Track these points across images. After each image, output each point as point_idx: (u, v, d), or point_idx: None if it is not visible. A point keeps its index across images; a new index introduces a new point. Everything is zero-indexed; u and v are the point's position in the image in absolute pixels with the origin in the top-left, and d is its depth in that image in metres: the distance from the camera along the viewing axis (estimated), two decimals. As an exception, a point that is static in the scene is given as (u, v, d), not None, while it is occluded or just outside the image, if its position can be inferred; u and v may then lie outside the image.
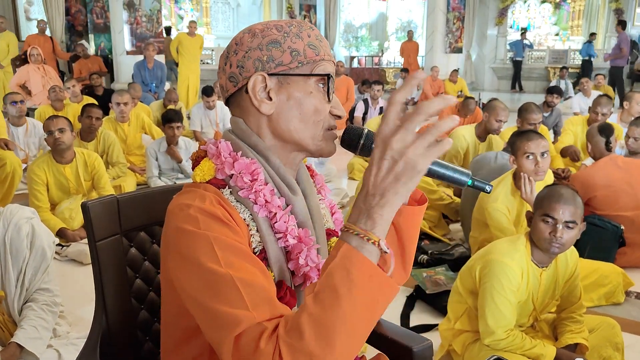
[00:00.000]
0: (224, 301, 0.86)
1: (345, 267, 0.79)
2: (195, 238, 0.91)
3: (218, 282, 0.87)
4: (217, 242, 0.90)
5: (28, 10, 13.65)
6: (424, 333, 2.64)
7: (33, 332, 2.20)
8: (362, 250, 0.80)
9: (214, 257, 0.89)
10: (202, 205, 0.94)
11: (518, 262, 2.05)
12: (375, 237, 0.80)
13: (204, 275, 0.89)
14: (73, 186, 3.89)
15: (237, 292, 0.86)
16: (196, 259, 0.90)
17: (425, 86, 11.51)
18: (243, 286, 0.86)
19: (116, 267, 1.31)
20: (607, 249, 3.22)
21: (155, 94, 8.12)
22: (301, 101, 1.01)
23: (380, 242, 0.80)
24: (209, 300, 0.87)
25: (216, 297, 0.87)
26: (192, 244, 0.91)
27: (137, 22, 9.06)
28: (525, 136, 2.77)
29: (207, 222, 0.92)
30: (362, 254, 0.79)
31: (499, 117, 4.21)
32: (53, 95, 5.74)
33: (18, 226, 2.22)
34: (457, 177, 1.00)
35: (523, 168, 2.75)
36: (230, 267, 0.88)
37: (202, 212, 0.93)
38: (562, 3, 16.41)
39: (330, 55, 1.06)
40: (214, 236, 0.91)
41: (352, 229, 0.81)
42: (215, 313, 0.86)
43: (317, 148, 1.05)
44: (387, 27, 18.46)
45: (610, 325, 2.24)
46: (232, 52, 1.04)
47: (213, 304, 0.87)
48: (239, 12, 18.64)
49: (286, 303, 0.97)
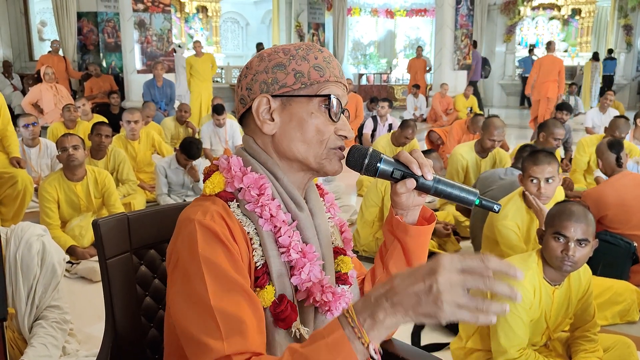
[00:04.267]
0: (201, 327, 0.90)
1: (329, 350, 0.80)
2: (191, 259, 0.94)
3: (201, 309, 0.91)
4: (209, 267, 0.93)
5: (41, 30, 13.88)
6: (435, 352, 2.61)
7: (43, 350, 2.19)
8: (353, 343, 0.80)
9: (202, 282, 0.92)
10: (202, 219, 0.97)
11: (530, 280, 2.03)
12: (367, 339, 0.80)
13: (190, 298, 0.92)
14: (84, 203, 3.91)
15: (214, 321, 0.89)
16: (187, 280, 0.93)
17: (434, 102, 11.52)
18: (221, 316, 0.89)
19: (126, 285, 1.31)
20: (620, 266, 3.18)
21: (165, 112, 8.19)
22: (303, 122, 1.03)
23: (370, 345, 0.80)
24: (189, 324, 0.91)
25: (196, 322, 0.90)
26: (187, 265, 0.95)
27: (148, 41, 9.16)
28: (532, 159, 2.74)
29: (206, 240, 0.95)
30: (352, 348, 0.80)
31: (492, 137, 4.22)
32: (67, 115, 5.80)
33: (29, 243, 2.23)
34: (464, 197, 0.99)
35: (527, 189, 2.75)
36: (214, 296, 0.91)
37: (201, 227, 0.96)
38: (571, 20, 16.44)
39: (338, 76, 1.07)
40: (209, 261, 0.93)
41: (352, 318, 0.81)
42: (191, 336, 0.91)
43: (320, 167, 1.06)
44: (396, 44, 18.55)
45: (625, 345, 2.21)
46: (243, 75, 1.08)
47: (192, 329, 0.91)
48: (248, 31, 18.83)
49: (287, 317, 1.00)
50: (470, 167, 4.40)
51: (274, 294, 1.01)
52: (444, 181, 1.01)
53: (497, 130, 4.20)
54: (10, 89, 10.49)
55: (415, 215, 1.11)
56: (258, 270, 1.01)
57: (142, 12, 9.03)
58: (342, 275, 1.13)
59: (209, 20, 17.58)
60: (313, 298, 1.03)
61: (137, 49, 9.05)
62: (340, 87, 1.07)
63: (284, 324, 1.00)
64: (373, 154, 1.00)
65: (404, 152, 1.02)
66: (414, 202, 1.07)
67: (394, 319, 0.79)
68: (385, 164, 1.01)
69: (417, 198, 1.07)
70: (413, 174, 1.01)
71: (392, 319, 0.79)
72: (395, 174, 1.01)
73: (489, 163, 4.42)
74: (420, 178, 1.01)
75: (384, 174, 1.01)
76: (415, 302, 0.77)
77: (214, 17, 17.54)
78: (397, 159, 1.02)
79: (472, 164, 4.41)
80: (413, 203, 1.07)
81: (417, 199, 1.07)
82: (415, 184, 1.01)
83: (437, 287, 0.76)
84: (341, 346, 0.80)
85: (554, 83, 9.12)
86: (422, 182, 1.01)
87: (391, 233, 1.14)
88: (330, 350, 0.80)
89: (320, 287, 1.03)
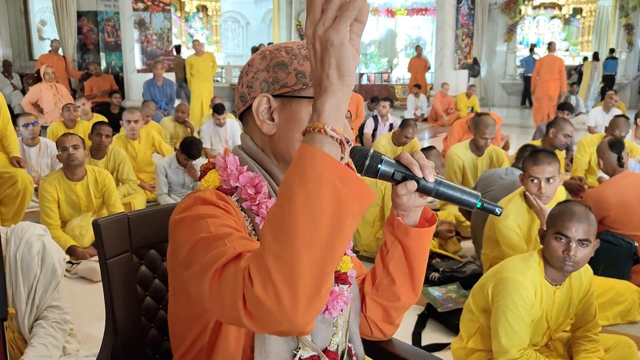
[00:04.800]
0: (210, 251, 0.86)
1: (296, 163, 0.76)
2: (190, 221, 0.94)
3: (207, 244, 0.88)
4: (211, 218, 0.92)
5: (41, 29, 13.88)
6: (436, 352, 2.61)
7: (43, 350, 2.19)
8: (313, 142, 0.76)
9: (206, 229, 0.90)
10: (201, 195, 0.97)
11: (531, 280, 2.02)
12: (319, 124, 0.77)
13: (196, 246, 0.89)
14: (84, 203, 3.90)
15: (222, 241, 0.86)
16: (191, 238, 0.91)
17: (435, 102, 11.52)
18: (227, 236, 0.87)
19: (126, 285, 1.31)
20: (621, 266, 3.18)
21: (165, 112, 8.18)
22: (302, 123, 1.02)
23: (325, 127, 0.77)
24: (197, 260, 0.87)
25: (204, 254, 0.86)
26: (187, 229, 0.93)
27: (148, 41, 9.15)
28: (532, 159, 2.73)
29: (205, 207, 0.95)
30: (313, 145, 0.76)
31: (484, 135, 4.22)
32: (67, 115, 5.80)
33: (29, 243, 2.22)
34: (466, 199, 0.99)
35: (528, 189, 2.74)
36: (218, 230, 0.89)
37: (199, 200, 0.96)
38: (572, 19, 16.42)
39: None
40: (209, 214, 0.93)
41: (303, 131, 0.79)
42: (200, 265, 0.86)
43: None
44: (396, 43, 18.54)
45: (626, 345, 2.20)
46: (244, 72, 1.07)
47: (201, 259, 0.86)
48: (249, 30, 18.82)
49: None
50: (467, 166, 4.40)
51: None
52: (445, 183, 1.00)
53: (489, 128, 4.20)
54: (10, 88, 10.50)
55: (416, 217, 1.11)
56: None
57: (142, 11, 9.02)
58: (341, 275, 1.12)
59: (209, 19, 17.58)
60: None
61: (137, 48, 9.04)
62: None
63: None
64: (374, 155, 0.99)
65: (405, 154, 1.02)
66: (415, 204, 1.07)
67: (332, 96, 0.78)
68: (386, 166, 1.00)
69: (418, 199, 1.06)
70: (414, 175, 1.00)
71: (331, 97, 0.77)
72: (396, 176, 1.00)
73: (486, 161, 4.41)
74: (421, 180, 1.00)
75: (385, 175, 1.00)
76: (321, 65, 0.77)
77: (214, 16, 17.54)
78: (399, 160, 1.01)
79: (468, 163, 4.40)
80: (414, 204, 1.07)
81: (418, 201, 1.06)
82: (416, 186, 1.00)
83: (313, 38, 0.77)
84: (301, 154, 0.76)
85: (555, 81, 9.45)
86: (424, 184, 1.00)
87: (392, 234, 1.14)
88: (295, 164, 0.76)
89: None
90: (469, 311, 2.27)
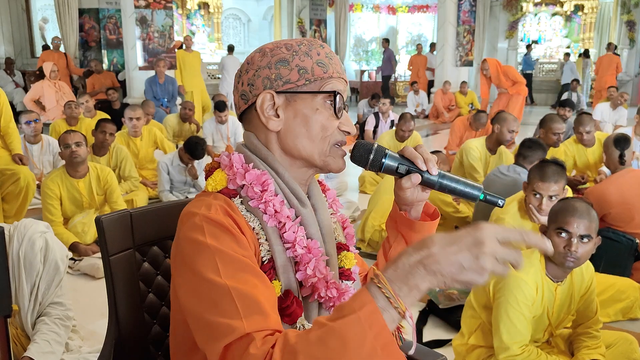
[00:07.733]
0: (218, 311, 0.87)
1: (362, 325, 0.77)
2: (199, 248, 0.93)
3: (214, 293, 0.88)
4: (220, 254, 0.91)
5: (43, 27, 13.87)
6: (437, 348, 2.61)
7: (46, 347, 2.20)
8: (385, 314, 0.77)
9: (214, 268, 0.90)
10: (207, 213, 0.96)
11: (532, 276, 2.03)
12: (403, 307, 0.78)
13: (202, 285, 0.90)
14: (86, 200, 3.91)
15: (232, 302, 0.87)
16: (197, 268, 0.91)
17: (436, 99, 11.52)
18: (238, 296, 0.87)
19: (129, 282, 1.32)
20: (623, 263, 3.17)
21: (167, 109, 8.18)
22: (308, 118, 1.03)
23: (406, 313, 0.78)
24: (203, 310, 0.89)
25: (210, 307, 0.88)
26: (195, 254, 0.93)
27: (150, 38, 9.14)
28: (540, 173, 2.62)
29: (212, 231, 0.94)
30: (384, 321, 0.77)
31: (511, 127, 4.20)
32: (69, 112, 5.80)
33: (32, 240, 2.23)
34: (469, 192, 1.00)
35: (529, 200, 2.69)
36: (228, 279, 0.89)
37: (207, 220, 0.95)
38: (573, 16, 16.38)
39: (340, 72, 1.07)
40: (218, 248, 0.92)
41: (384, 287, 0.79)
42: (208, 323, 0.88)
43: (324, 164, 1.06)
44: (398, 40, 18.51)
45: (628, 341, 2.20)
46: (244, 70, 1.07)
47: (207, 314, 0.88)
48: (250, 27, 18.80)
49: (292, 312, 0.99)
50: (481, 161, 4.41)
51: (280, 289, 1.00)
52: (448, 176, 1.01)
53: (515, 122, 4.21)
54: (12, 85, 10.50)
55: (418, 211, 1.11)
56: (264, 265, 1.00)
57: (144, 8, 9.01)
58: (345, 271, 1.13)
59: (211, 16, 17.56)
60: (318, 294, 1.03)
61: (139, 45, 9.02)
62: (342, 83, 1.07)
63: (289, 319, 1.00)
64: (378, 149, 1.01)
65: (408, 147, 1.03)
66: (418, 198, 1.07)
67: (429, 285, 0.78)
68: (390, 159, 1.01)
69: (421, 193, 1.07)
70: (418, 169, 1.01)
71: (427, 285, 0.78)
72: (400, 169, 1.02)
73: (497, 160, 4.42)
74: (425, 173, 1.01)
75: (389, 169, 1.02)
76: (457, 270, 0.77)
77: (215, 13, 17.52)
78: (402, 154, 1.03)
79: (483, 159, 4.41)
80: (417, 198, 1.07)
81: (421, 195, 1.07)
82: (420, 178, 1.01)
83: (484, 259, 0.76)
84: (374, 319, 0.77)
85: (612, 76, 11.97)
86: (427, 177, 1.01)
87: (395, 229, 1.14)
88: (362, 324, 0.76)
89: (325, 282, 1.04)
90: (470, 307, 2.27)
